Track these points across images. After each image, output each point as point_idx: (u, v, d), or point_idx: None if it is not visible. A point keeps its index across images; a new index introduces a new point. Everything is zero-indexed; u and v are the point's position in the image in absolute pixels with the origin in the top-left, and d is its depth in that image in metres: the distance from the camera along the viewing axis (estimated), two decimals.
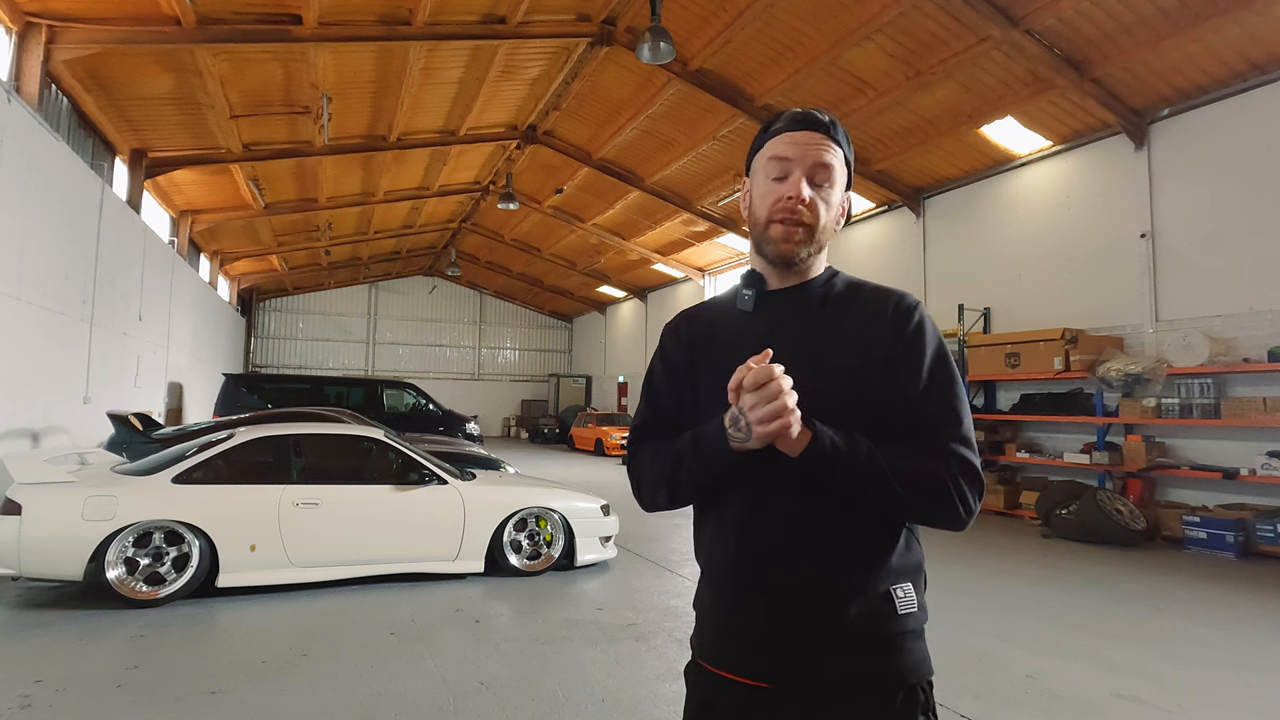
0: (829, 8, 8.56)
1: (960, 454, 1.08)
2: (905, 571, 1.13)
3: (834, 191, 1.19)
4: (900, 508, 1.10)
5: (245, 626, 4.29)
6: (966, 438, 1.11)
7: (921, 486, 1.07)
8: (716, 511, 1.21)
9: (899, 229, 12.82)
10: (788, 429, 1.01)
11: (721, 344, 1.25)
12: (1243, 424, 7.31)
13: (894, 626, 1.10)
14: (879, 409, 1.13)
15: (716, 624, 1.20)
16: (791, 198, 1.15)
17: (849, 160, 1.23)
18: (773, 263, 1.22)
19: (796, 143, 1.18)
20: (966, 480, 1.07)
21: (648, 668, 3.76)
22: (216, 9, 8.19)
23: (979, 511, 1.09)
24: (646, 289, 23.31)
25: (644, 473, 1.27)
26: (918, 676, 1.11)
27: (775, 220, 1.18)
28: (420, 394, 14.92)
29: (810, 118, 1.20)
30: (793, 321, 1.21)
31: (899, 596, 1.11)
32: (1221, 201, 8.10)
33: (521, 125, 13.92)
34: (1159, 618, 4.84)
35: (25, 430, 7.32)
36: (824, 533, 1.11)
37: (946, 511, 1.08)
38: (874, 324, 1.17)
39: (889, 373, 1.13)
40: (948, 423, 1.11)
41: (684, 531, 7.67)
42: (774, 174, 1.19)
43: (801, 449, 1.05)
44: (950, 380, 1.14)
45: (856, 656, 1.08)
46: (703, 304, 1.37)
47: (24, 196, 7.12)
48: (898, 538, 1.13)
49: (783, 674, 1.10)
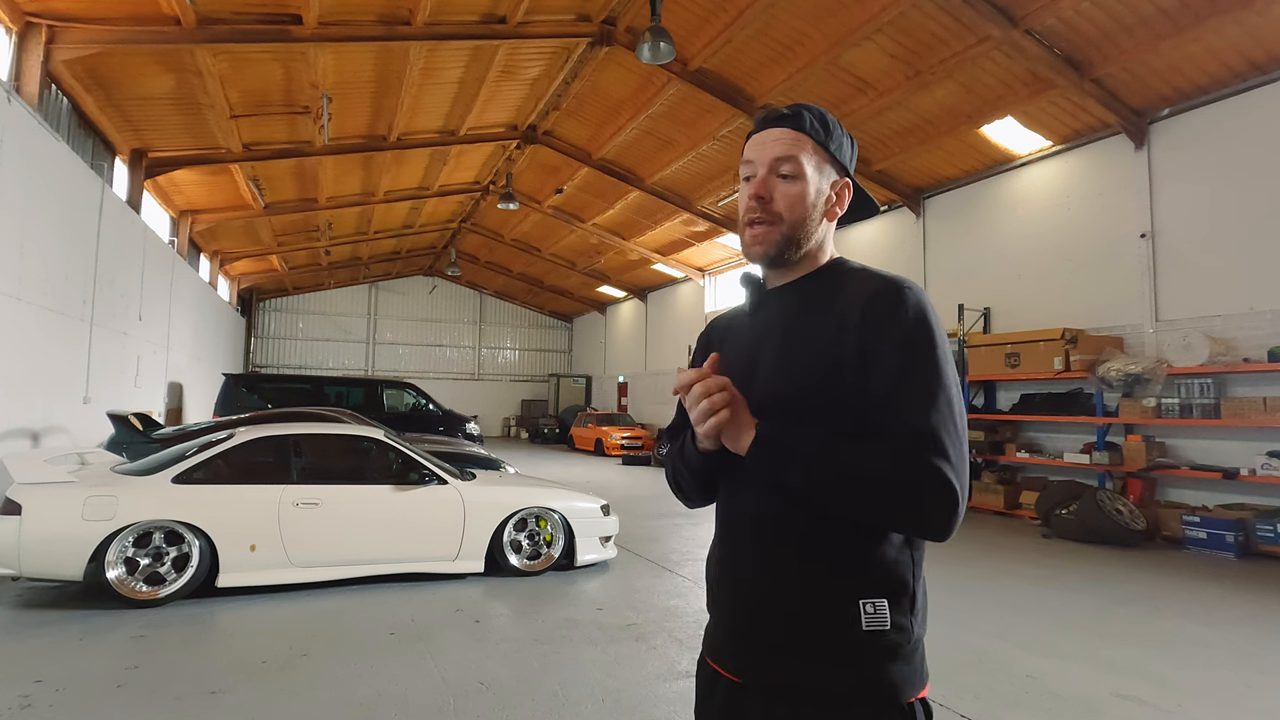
0: (829, 8, 8.56)
1: (929, 463, 0.97)
2: (880, 587, 1.06)
3: (805, 182, 1.14)
4: (858, 514, 1.04)
5: (245, 626, 4.29)
6: (938, 442, 0.98)
7: (878, 496, 0.99)
8: (717, 510, 1.28)
9: (899, 229, 12.82)
10: (720, 429, 1.06)
11: (726, 349, 1.26)
12: (1243, 424, 7.31)
13: (857, 641, 1.04)
14: (858, 408, 1.05)
15: (712, 619, 1.25)
16: (751, 197, 1.16)
17: (826, 146, 1.17)
18: (756, 264, 1.22)
19: (758, 143, 1.18)
20: (933, 494, 0.96)
21: (648, 668, 3.76)
22: (216, 9, 8.19)
23: (959, 521, 0.98)
24: (646, 289, 23.31)
25: (667, 473, 1.38)
26: (896, 695, 1.04)
27: (745, 224, 1.18)
28: (420, 394, 14.92)
29: (773, 114, 1.19)
30: (780, 323, 1.19)
31: (867, 612, 1.04)
32: (1221, 201, 8.10)
33: (521, 125, 13.92)
34: (1159, 618, 4.84)
35: (25, 430, 7.33)
36: (785, 535, 1.10)
37: (912, 524, 1.02)
38: (849, 314, 1.09)
39: (864, 368, 1.06)
40: (917, 425, 0.99)
41: (684, 531, 7.68)
42: (745, 178, 1.20)
43: (746, 447, 1.07)
44: (927, 375, 1.02)
45: (820, 661, 1.05)
46: (731, 309, 1.39)
47: (24, 196, 7.12)
48: (876, 550, 1.06)
49: (753, 671, 1.12)
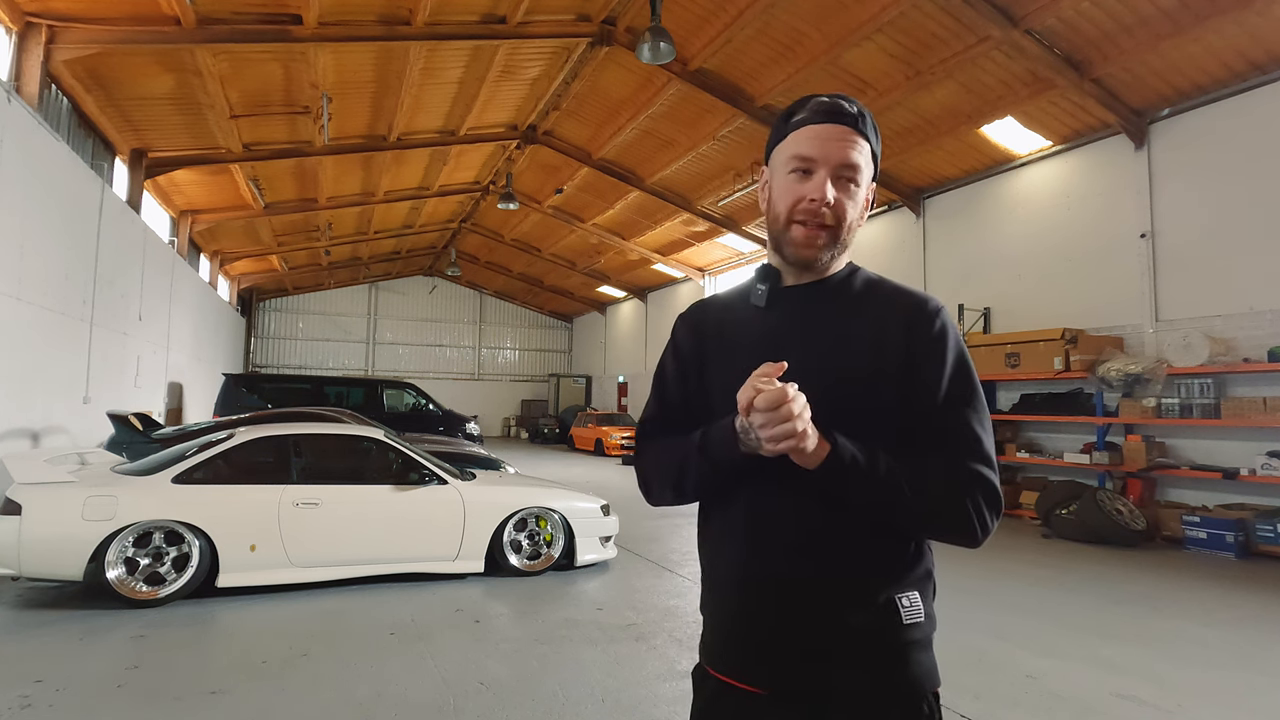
0: (829, 8, 8.56)
1: (981, 474, 1.04)
2: (913, 580, 1.09)
3: (860, 189, 1.12)
4: (916, 527, 1.08)
5: (245, 626, 4.29)
6: (987, 456, 1.06)
7: (940, 507, 1.04)
8: (723, 512, 1.18)
9: (899, 229, 12.82)
10: (799, 449, 0.98)
11: (732, 340, 1.20)
12: (1243, 424, 7.31)
13: (898, 636, 1.06)
14: (892, 418, 1.08)
15: (722, 628, 1.17)
16: (815, 200, 1.08)
17: (875, 153, 1.15)
18: (791, 263, 1.16)
19: (821, 138, 1.09)
20: (986, 502, 1.04)
21: (648, 668, 3.76)
22: (216, 9, 8.19)
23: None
24: (646, 289, 23.31)
25: (650, 468, 1.24)
26: (923, 688, 1.07)
27: (796, 221, 1.11)
28: (420, 394, 14.93)
29: (836, 109, 1.10)
30: (804, 321, 1.15)
31: (904, 605, 1.06)
32: (1222, 201, 8.10)
33: (521, 125, 13.92)
34: (1159, 618, 4.84)
35: (25, 430, 7.32)
36: (830, 539, 1.08)
37: (964, 532, 1.05)
38: (892, 327, 1.10)
39: (905, 380, 1.08)
40: (967, 439, 1.06)
41: (684, 531, 7.67)
42: (796, 170, 1.11)
43: (818, 462, 1.01)
44: (971, 393, 1.09)
45: (857, 665, 1.05)
46: (717, 295, 1.31)
47: (24, 197, 7.12)
48: (907, 545, 1.10)
49: (783, 679, 1.07)
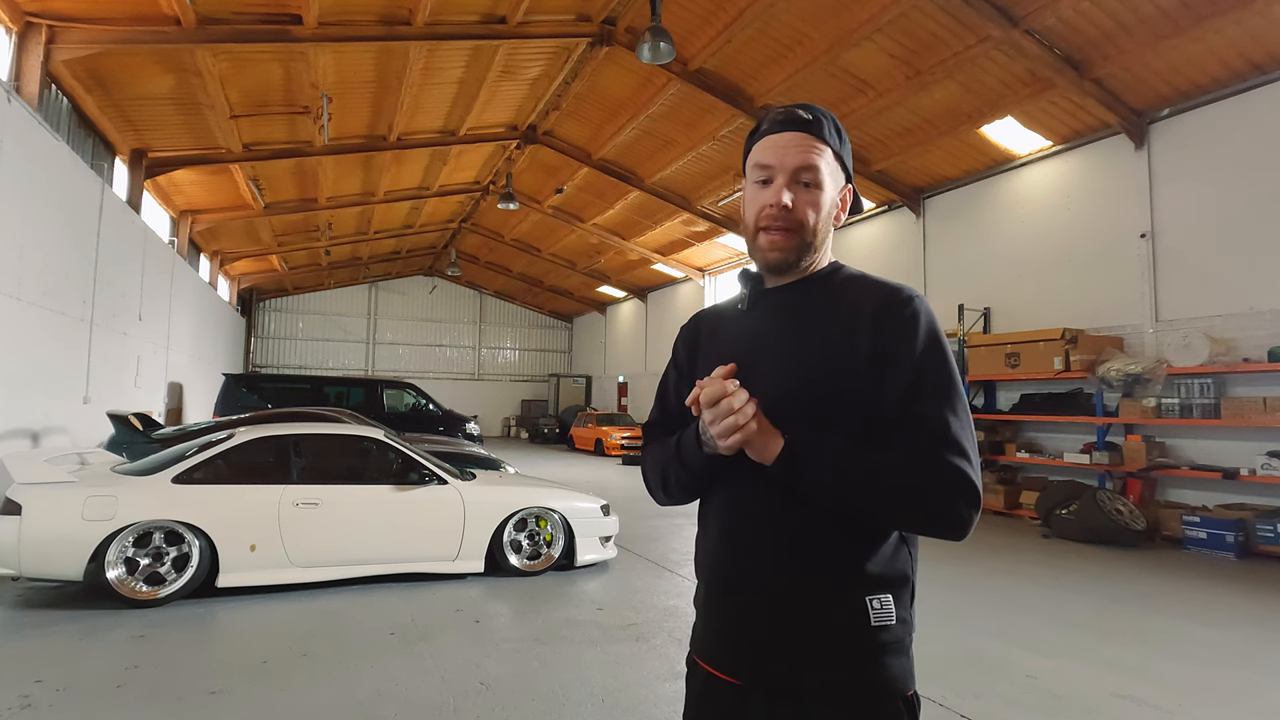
0: (829, 8, 8.56)
1: (950, 463, 1.02)
2: (885, 583, 1.08)
3: (823, 191, 1.15)
4: (885, 519, 1.07)
5: (245, 626, 4.29)
6: (958, 444, 1.03)
7: (906, 499, 1.03)
8: (708, 510, 1.24)
9: (899, 229, 12.82)
10: (746, 443, 1.03)
11: (718, 345, 1.26)
12: (1243, 424, 7.31)
13: (868, 638, 1.05)
14: (864, 410, 1.08)
15: (703, 620, 1.22)
16: (773, 205, 1.13)
17: (840, 154, 1.19)
18: (762, 268, 1.22)
19: (777, 146, 1.15)
20: (958, 493, 1.01)
21: (648, 668, 3.76)
22: (216, 9, 8.19)
23: (978, 519, 1.03)
24: (646, 289, 23.31)
25: (648, 470, 1.33)
26: (893, 690, 1.06)
27: (761, 228, 1.16)
28: (420, 394, 14.93)
29: (790, 118, 1.16)
30: (781, 320, 1.19)
31: (875, 608, 1.06)
32: (1222, 201, 8.10)
33: (521, 125, 13.92)
34: (1159, 618, 4.84)
35: (25, 430, 7.32)
36: (797, 537, 1.09)
37: (936, 524, 1.04)
38: (860, 319, 1.11)
39: (875, 371, 1.08)
40: (938, 427, 1.04)
41: (684, 531, 7.68)
42: (758, 180, 1.17)
43: (774, 457, 1.04)
44: (945, 381, 1.07)
45: (825, 665, 1.05)
46: (716, 305, 1.38)
47: (24, 197, 7.12)
48: (879, 547, 1.08)
49: (754, 673, 1.10)
